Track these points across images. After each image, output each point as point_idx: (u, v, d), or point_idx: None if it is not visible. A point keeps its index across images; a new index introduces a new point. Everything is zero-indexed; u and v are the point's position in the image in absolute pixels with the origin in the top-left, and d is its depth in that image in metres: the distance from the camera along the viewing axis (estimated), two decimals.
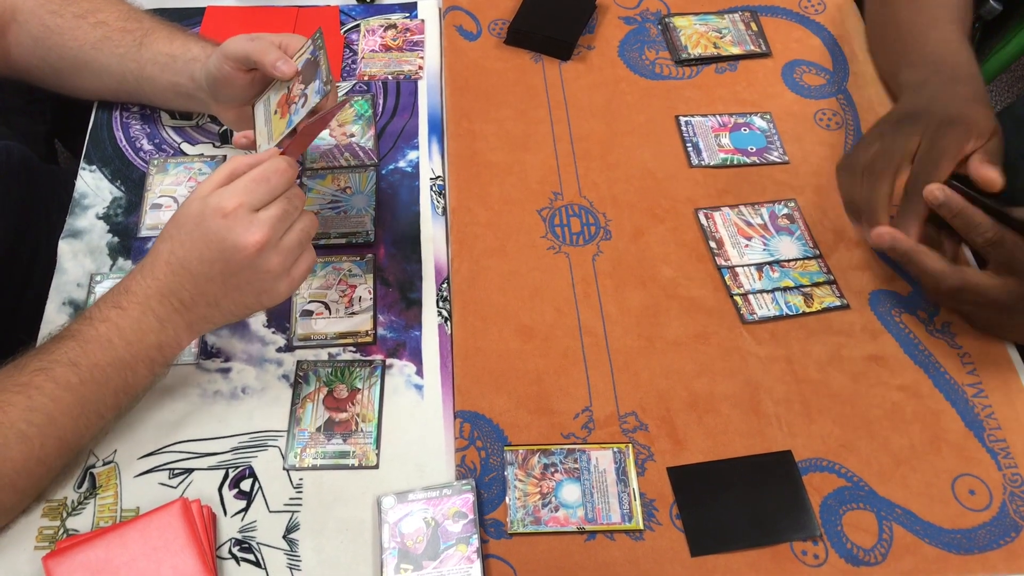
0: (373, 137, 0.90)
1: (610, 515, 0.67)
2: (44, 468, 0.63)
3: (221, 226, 0.63)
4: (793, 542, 0.66)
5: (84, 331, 0.64)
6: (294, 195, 0.66)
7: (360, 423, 0.71)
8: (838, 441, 0.71)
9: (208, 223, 0.63)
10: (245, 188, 0.63)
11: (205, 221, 0.63)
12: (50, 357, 0.63)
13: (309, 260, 0.68)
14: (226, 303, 0.66)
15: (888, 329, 0.78)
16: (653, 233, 0.83)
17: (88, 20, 0.82)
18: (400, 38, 0.98)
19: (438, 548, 0.64)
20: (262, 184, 0.64)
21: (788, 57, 0.98)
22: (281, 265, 0.65)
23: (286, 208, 0.65)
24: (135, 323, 0.64)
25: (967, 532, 0.67)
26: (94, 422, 0.65)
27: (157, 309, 0.65)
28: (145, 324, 0.64)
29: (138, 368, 0.65)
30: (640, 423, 0.72)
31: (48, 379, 0.62)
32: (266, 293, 0.66)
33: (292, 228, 0.66)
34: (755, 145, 0.90)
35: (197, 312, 0.66)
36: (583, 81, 0.95)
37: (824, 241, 0.83)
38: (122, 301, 0.65)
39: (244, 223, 0.63)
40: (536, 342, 0.76)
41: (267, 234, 0.63)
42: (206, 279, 0.64)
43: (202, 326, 0.67)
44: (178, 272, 0.64)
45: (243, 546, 0.65)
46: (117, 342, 0.64)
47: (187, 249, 0.64)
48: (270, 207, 0.64)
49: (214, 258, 0.64)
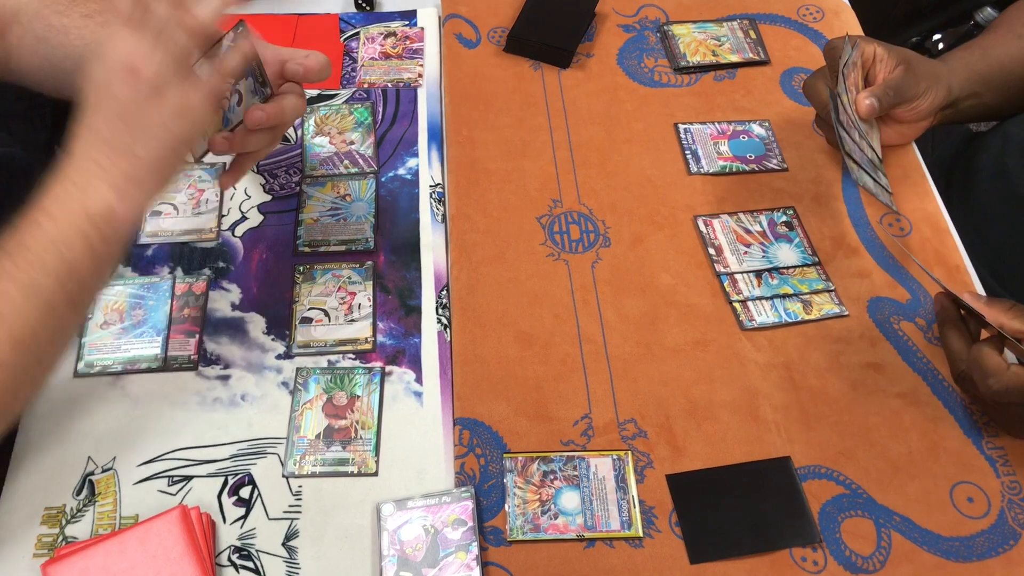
0: (373, 144, 0.90)
1: (609, 522, 0.67)
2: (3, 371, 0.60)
3: (98, 68, 0.63)
4: (792, 549, 0.66)
5: (19, 223, 0.62)
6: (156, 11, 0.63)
7: (359, 430, 0.71)
8: (836, 448, 0.71)
9: (91, 73, 0.63)
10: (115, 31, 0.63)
11: (90, 74, 0.63)
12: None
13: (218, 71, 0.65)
14: (141, 149, 0.63)
15: (887, 337, 0.78)
16: (652, 240, 0.84)
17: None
18: (400, 46, 0.99)
19: (437, 555, 0.64)
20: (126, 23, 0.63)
21: (786, 65, 0.99)
22: (169, 80, 0.62)
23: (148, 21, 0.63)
24: (55, 198, 0.62)
25: (965, 540, 0.67)
26: (45, 313, 0.61)
27: (75, 178, 0.62)
28: (65, 195, 0.62)
29: (73, 243, 0.62)
30: (639, 430, 0.72)
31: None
32: (173, 118, 0.63)
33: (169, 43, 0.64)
34: (754, 152, 0.91)
35: (117, 170, 0.63)
36: (582, 89, 0.96)
37: (823, 248, 0.83)
38: (47, 183, 0.63)
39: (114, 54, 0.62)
40: (535, 349, 0.76)
41: (135, 53, 0.62)
42: (109, 129, 0.63)
43: (130, 187, 0.63)
44: (84, 136, 0.63)
45: (242, 553, 0.65)
46: (42, 220, 0.62)
47: (86, 110, 0.63)
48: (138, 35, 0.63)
49: (105, 104, 0.63)
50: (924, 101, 0.83)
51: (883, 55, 0.84)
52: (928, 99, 0.83)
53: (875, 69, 0.84)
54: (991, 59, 0.89)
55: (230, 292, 0.79)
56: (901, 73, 0.82)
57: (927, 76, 0.83)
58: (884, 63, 0.84)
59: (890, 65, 0.83)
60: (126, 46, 0.62)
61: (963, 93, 0.86)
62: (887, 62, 0.83)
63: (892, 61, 0.83)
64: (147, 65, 0.62)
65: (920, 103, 0.83)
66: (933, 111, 0.85)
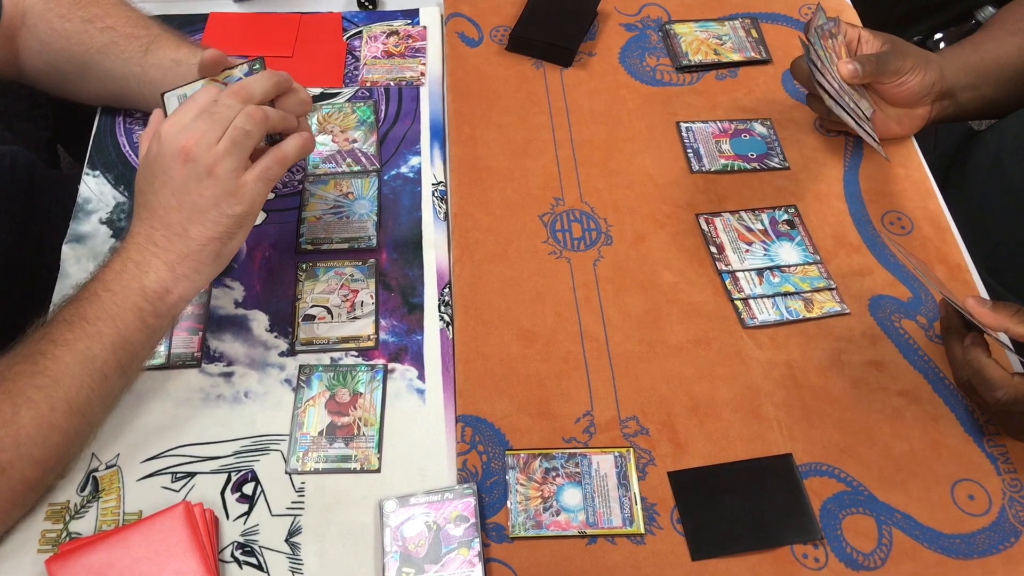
0: (375, 143, 0.90)
1: (611, 519, 0.67)
2: (59, 435, 0.63)
3: (155, 151, 0.66)
4: (794, 546, 0.67)
5: (79, 291, 0.67)
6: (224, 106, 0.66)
7: (362, 427, 0.72)
8: (838, 446, 0.72)
9: (148, 155, 0.67)
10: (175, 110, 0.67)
11: (147, 155, 0.67)
12: (51, 320, 0.65)
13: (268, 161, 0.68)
14: (195, 230, 0.66)
15: (888, 335, 0.78)
16: (654, 238, 0.84)
17: (96, 25, 0.83)
18: (402, 44, 0.99)
19: (440, 552, 0.65)
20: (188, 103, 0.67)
21: (788, 64, 0.98)
22: (225, 164, 0.65)
23: (211, 111, 0.66)
24: (115, 273, 0.66)
25: (966, 537, 0.67)
26: (99, 382, 0.65)
27: (134, 256, 0.66)
28: (125, 273, 0.66)
29: (127, 317, 0.65)
30: (641, 427, 0.72)
31: (48, 341, 0.64)
32: (225, 200, 0.66)
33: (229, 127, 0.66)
34: (755, 151, 0.91)
35: (173, 250, 0.66)
36: (584, 87, 0.96)
37: (824, 247, 0.83)
38: (108, 258, 0.68)
39: (171, 136, 0.65)
40: (537, 347, 0.76)
41: (193, 136, 0.65)
42: (164, 209, 0.66)
43: (185, 266, 0.67)
44: (143, 215, 0.67)
45: (245, 550, 0.65)
46: (102, 294, 0.65)
47: (143, 191, 0.67)
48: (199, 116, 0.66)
49: (161, 183, 0.66)
50: (913, 77, 0.84)
51: (868, 37, 0.86)
52: (917, 76, 0.84)
53: (861, 49, 0.86)
54: (984, 53, 0.89)
55: (233, 290, 0.79)
56: (886, 48, 0.85)
57: (914, 55, 0.85)
58: (870, 44, 0.86)
59: (875, 45, 0.86)
60: (185, 129, 0.65)
61: (959, 83, 0.87)
62: (872, 43, 0.86)
63: (878, 42, 0.86)
64: (203, 148, 0.65)
65: (909, 79, 0.84)
66: (926, 91, 0.85)
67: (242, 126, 0.66)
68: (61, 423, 0.63)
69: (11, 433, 0.61)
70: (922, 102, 0.86)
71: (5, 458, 0.60)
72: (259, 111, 0.67)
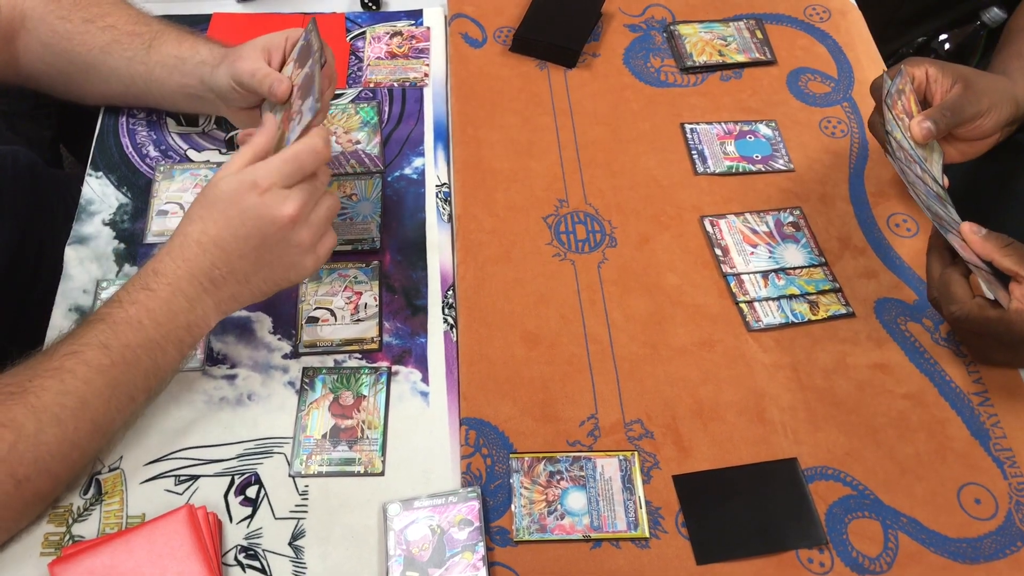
0: (379, 144, 0.90)
1: (616, 523, 0.67)
2: (78, 452, 0.63)
3: (257, 202, 0.65)
4: (799, 550, 0.66)
5: (114, 314, 0.65)
6: (323, 172, 0.68)
7: (366, 430, 0.71)
8: (843, 449, 0.71)
9: (244, 199, 0.65)
10: (278, 167, 0.65)
11: (241, 197, 0.65)
12: (81, 340, 0.63)
13: (333, 238, 0.70)
14: (256, 280, 0.68)
15: (893, 337, 0.78)
16: (658, 240, 0.83)
17: (97, 24, 0.82)
18: (406, 45, 0.99)
19: (444, 555, 0.64)
20: (292, 163, 0.66)
21: (793, 65, 0.98)
22: (311, 239, 0.67)
23: (316, 184, 0.67)
24: (164, 304, 0.65)
25: (973, 541, 0.67)
26: (126, 404, 0.65)
27: (187, 290, 0.66)
28: (175, 305, 0.65)
29: (168, 348, 0.66)
30: (646, 430, 0.72)
31: (80, 362, 0.62)
32: (294, 268, 0.68)
33: (320, 204, 0.68)
34: (760, 153, 0.90)
35: (227, 291, 0.67)
36: (588, 88, 0.95)
37: (829, 249, 0.83)
38: (151, 283, 0.65)
39: (279, 198, 0.65)
40: (541, 349, 0.76)
41: (300, 208, 0.65)
42: (239, 256, 0.66)
43: (230, 305, 0.68)
44: (210, 251, 0.66)
45: (249, 553, 0.65)
46: (147, 323, 0.64)
47: (220, 227, 0.65)
48: (302, 184, 0.66)
49: (249, 234, 0.65)
50: (988, 119, 0.78)
51: (936, 75, 0.78)
52: (992, 117, 0.78)
53: (930, 90, 0.79)
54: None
55: None
56: (959, 92, 0.77)
57: (989, 92, 0.78)
58: (939, 83, 0.78)
59: (946, 85, 0.78)
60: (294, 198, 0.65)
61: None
62: (942, 82, 0.78)
63: (947, 80, 0.78)
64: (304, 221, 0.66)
65: (984, 121, 0.78)
66: (999, 128, 0.79)
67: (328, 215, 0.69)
68: (84, 442, 0.63)
69: (33, 449, 0.60)
70: (993, 136, 0.81)
71: (23, 472, 0.60)
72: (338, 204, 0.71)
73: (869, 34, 1.02)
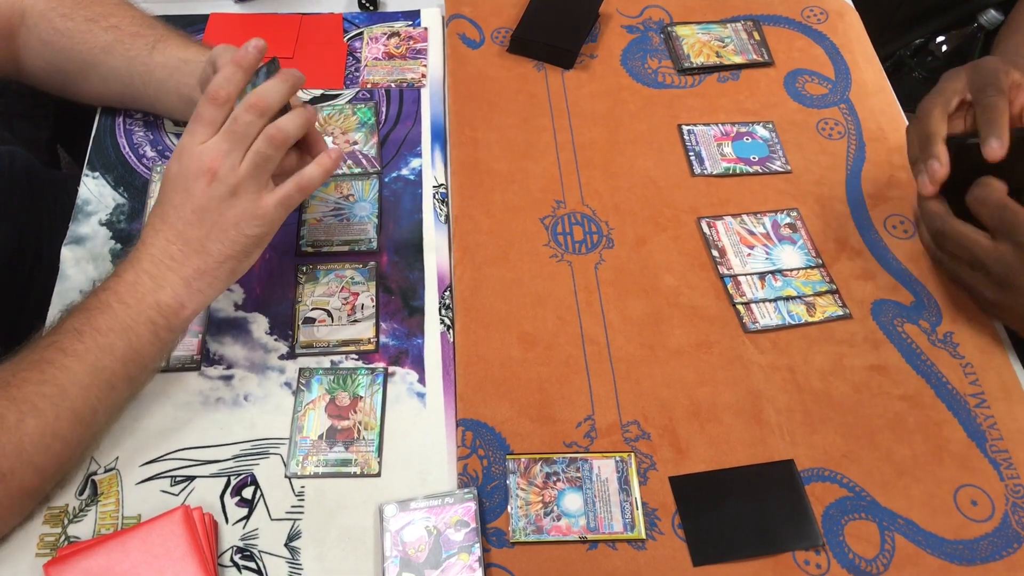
0: (376, 145, 0.90)
1: (612, 524, 0.67)
2: (61, 443, 0.63)
3: (178, 167, 0.66)
4: (795, 552, 0.66)
5: (87, 300, 0.66)
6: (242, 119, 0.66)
7: (362, 431, 0.71)
8: (840, 451, 0.71)
9: (169, 171, 0.67)
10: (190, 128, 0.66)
11: (169, 169, 0.67)
12: (59, 329, 0.65)
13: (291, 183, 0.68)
14: (213, 246, 0.67)
15: (890, 339, 0.78)
16: (655, 242, 0.83)
17: (100, 24, 0.82)
18: (403, 46, 0.99)
19: (440, 557, 0.64)
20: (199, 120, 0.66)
21: (790, 66, 0.98)
22: (248, 186, 0.66)
23: (235, 129, 0.66)
24: (130, 285, 0.66)
25: (969, 543, 0.67)
26: (107, 393, 0.65)
27: (150, 269, 0.66)
28: (140, 286, 0.66)
29: (140, 331, 0.65)
30: (642, 432, 0.72)
31: (57, 350, 0.63)
32: (244, 221, 0.67)
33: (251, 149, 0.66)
34: (757, 154, 0.90)
35: (190, 265, 0.67)
36: (585, 89, 0.95)
37: (826, 251, 0.83)
38: (120, 269, 0.67)
39: (195, 154, 0.66)
40: (538, 350, 0.76)
41: (215, 156, 0.65)
42: (185, 224, 0.66)
43: (201, 283, 0.67)
44: (160, 229, 0.67)
45: (245, 554, 0.65)
46: (115, 305, 0.65)
47: (162, 203, 0.67)
48: (217, 135, 0.66)
49: (182, 200, 0.66)
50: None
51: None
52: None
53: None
54: None
55: (233, 292, 0.79)
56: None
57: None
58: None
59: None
60: (209, 148, 0.66)
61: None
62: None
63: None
64: (227, 168, 0.65)
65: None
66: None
67: (263, 151, 0.66)
68: (65, 432, 0.63)
69: (14, 440, 0.60)
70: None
71: (6, 465, 0.60)
72: (279, 134, 0.67)
73: (866, 36, 1.02)
